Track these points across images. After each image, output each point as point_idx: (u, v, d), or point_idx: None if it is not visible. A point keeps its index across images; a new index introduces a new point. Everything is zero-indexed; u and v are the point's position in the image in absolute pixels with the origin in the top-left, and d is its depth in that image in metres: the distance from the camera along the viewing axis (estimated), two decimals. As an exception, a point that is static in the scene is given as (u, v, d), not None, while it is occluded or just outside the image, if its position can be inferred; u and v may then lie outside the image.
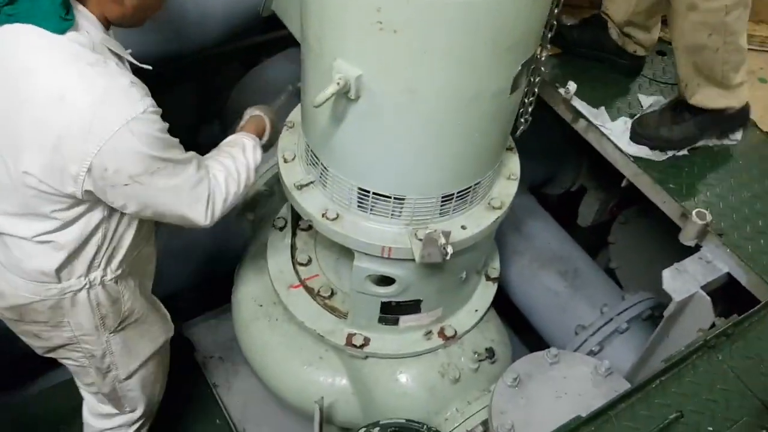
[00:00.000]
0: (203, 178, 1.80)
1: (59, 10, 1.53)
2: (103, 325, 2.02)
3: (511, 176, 2.13)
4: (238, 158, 1.94)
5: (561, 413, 1.89)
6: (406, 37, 1.49)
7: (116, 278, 1.96)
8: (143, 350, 2.19)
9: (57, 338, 2.03)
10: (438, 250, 1.82)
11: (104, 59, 1.60)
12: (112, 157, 1.58)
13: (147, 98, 1.61)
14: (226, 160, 1.91)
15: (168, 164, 1.67)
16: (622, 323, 2.59)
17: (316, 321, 2.32)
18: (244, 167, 1.93)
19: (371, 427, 2.15)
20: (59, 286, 1.88)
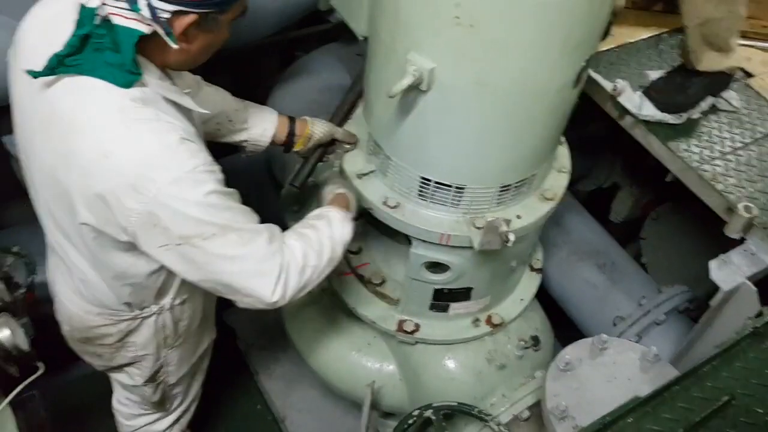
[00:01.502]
0: (275, 252, 1.65)
1: (129, 65, 1.46)
2: (165, 343, 2.08)
3: (563, 169, 2.20)
4: (322, 230, 1.81)
5: (612, 396, 1.97)
6: (482, 31, 1.56)
7: (183, 301, 2.00)
8: (192, 357, 2.25)
9: (120, 358, 2.07)
10: (498, 237, 1.90)
11: (156, 113, 1.51)
12: (158, 216, 1.50)
13: (199, 155, 1.52)
14: (307, 230, 1.79)
15: (228, 231, 1.57)
16: (660, 315, 2.66)
17: (367, 307, 2.39)
18: (328, 239, 1.79)
19: (425, 409, 2.22)
20: (131, 313, 1.93)
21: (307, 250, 1.73)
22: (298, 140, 2.18)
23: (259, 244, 1.62)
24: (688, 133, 2.38)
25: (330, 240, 1.80)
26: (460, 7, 1.53)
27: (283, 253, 1.67)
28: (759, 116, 2.49)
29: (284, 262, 1.66)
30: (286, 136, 2.17)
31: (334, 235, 1.82)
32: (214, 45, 1.61)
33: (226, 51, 2.80)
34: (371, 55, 1.91)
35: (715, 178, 2.25)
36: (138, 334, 1.99)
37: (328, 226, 1.82)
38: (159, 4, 1.41)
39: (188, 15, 1.45)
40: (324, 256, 1.77)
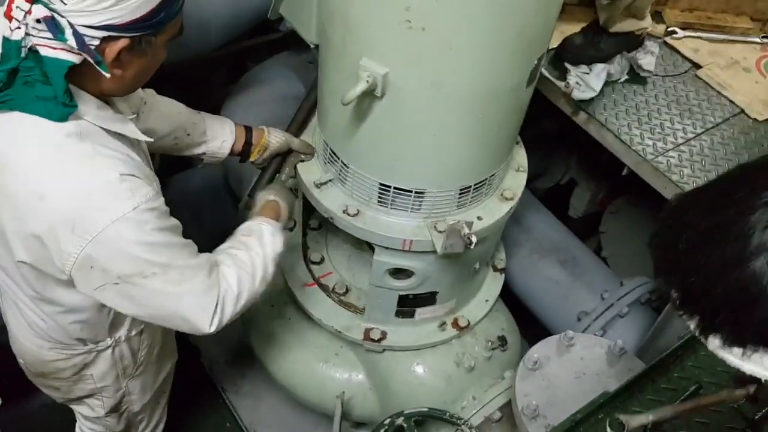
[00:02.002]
0: (213, 286, 1.64)
1: (62, 97, 1.38)
2: (124, 373, 2.02)
3: (520, 168, 2.21)
4: (255, 249, 1.78)
5: (582, 392, 1.98)
6: (433, 34, 1.55)
7: (141, 331, 1.96)
8: (155, 383, 2.19)
9: (78, 391, 2.01)
10: (461, 240, 1.89)
11: (93, 148, 1.44)
12: (96, 258, 1.46)
13: (139, 193, 1.45)
14: (240, 253, 1.75)
15: (168, 268, 1.54)
16: (623, 308, 2.68)
17: (332, 318, 2.37)
18: (260, 260, 1.77)
19: (396, 416, 2.20)
20: (84, 347, 1.87)
21: (242, 275, 1.71)
22: (254, 150, 2.15)
23: (199, 280, 1.60)
24: (641, 126, 2.41)
25: (263, 259, 1.78)
26: (411, 10, 1.51)
27: (219, 286, 1.66)
28: (709, 106, 2.53)
29: (221, 294, 1.65)
30: (242, 145, 2.14)
31: (267, 253, 1.80)
32: (150, 68, 1.55)
33: (176, 64, 2.80)
34: (323, 63, 1.89)
35: (670, 170, 2.28)
36: (95, 366, 1.93)
37: (259, 244, 1.80)
38: (87, 32, 1.34)
39: (119, 40, 1.38)
40: (257, 278, 1.75)
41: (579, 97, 2.45)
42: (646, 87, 2.59)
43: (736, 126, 2.49)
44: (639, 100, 2.52)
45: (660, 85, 2.60)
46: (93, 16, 1.33)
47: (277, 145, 2.15)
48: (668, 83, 2.61)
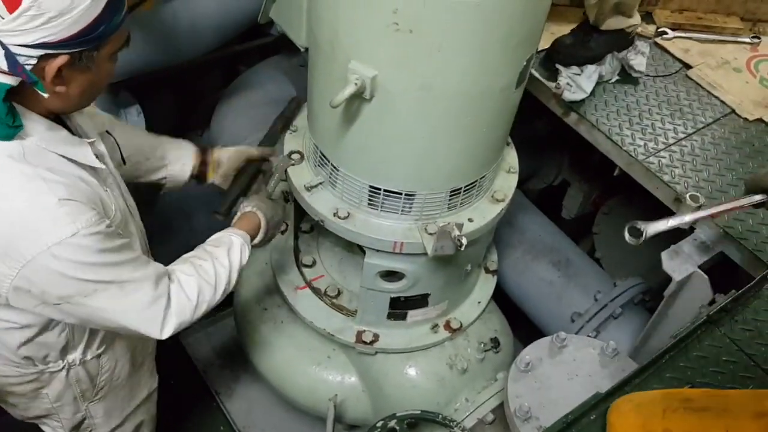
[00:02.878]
0: (160, 296, 1.62)
1: (4, 119, 1.35)
2: (83, 396, 1.97)
3: (511, 170, 2.21)
4: (221, 260, 1.78)
5: (575, 394, 1.97)
6: (421, 36, 1.55)
7: (98, 355, 1.90)
8: (124, 408, 2.14)
9: (35, 409, 1.97)
10: (451, 242, 1.89)
11: (35, 171, 1.40)
12: (34, 281, 1.44)
13: (81, 218, 1.42)
14: (205, 264, 1.75)
15: (110, 286, 1.51)
16: (616, 308, 2.68)
17: (324, 320, 2.36)
18: (225, 271, 1.78)
19: (388, 419, 2.19)
20: (36, 368, 1.81)
21: (202, 285, 1.71)
22: (209, 169, 2.14)
23: (143, 293, 1.58)
24: (632, 126, 2.41)
25: (228, 271, 1.78)
26: (398, 13, 1.51)
27: (169, 296, 1.64)
28: (699, 106, 2.53)
29: (172, 303, 1.64)
30: (199, 166, 2.13)
31: (233, 264, 1.80)
32: (97, 83, 1.49)
33: (169, 69, 2.81)
34: (312, 66, 1.88)
35: (662, 170, 2.28)
36: (50, 387, 1.89)
37: (226, 256, 1.80)
38: (22, 51, 1.30)
39: (58, 57, 1.34)
40: (220, 289, 1.76)
41: (569, 98, 2.45)
42: (636, 87, 2.59)
43: (727, 126, 2.49)
44: (630, 100, 2.53)
45: (651, 85, 2.61)
46: (27, 35, 1.29)
47: (228, 157, 2.14)
48: (659, 84, 2.61)
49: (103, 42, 1.40)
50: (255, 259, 2.67)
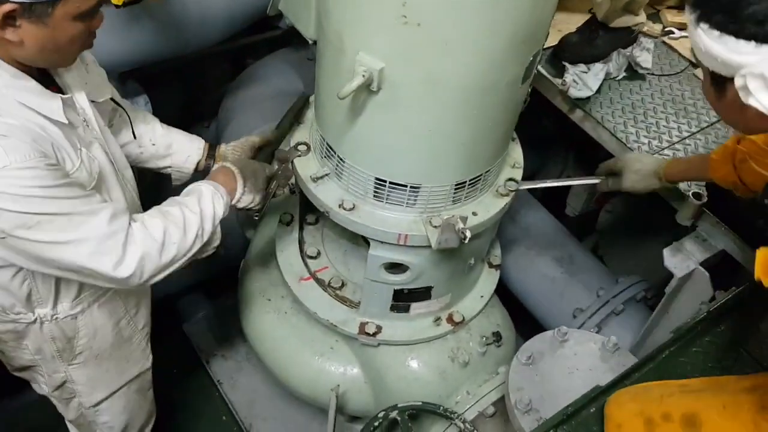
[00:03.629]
0: (118, 231, 1.61)
1: None
2: (61, 357, 1.99)
3: (516, 165, 2.22)
4: (190, 207, 1.78)
5: (574, 387, 1.99)
6: (429, 29, 1.56)
7: (74, 316, 1.91)
8: (110, 382, 2.16)
9: (19, 359, 2.01)
10: (455, 235, 1.90)
11: None
12: None
13: (14, 154, 1.44)
14: (172, 208, 1.76)
15: (56, 218, 1.52)
16: (618, 305, 2.70)
17: (328, 311, 2.38)
18: (195, 217, 1.77)
19: (390, 410, 2.22)
20: (8, 316, 1.84)
21: (169, 227, 1.71)
22: (215, 164, 2.16)
23: (94, 224, 1.57)
24: (637, 124, 2.43)
25: (197, 216, 1.77)
26: (406, 6, 1.53)
27: (128, 233, 1.64)
28: (704, 105, 2.54)
29: (134, 240, 1.64)
30: (206, 161, 2.17)
31: (204, 211, 1.79)
32: (60, 42, 1.52)
33: (176, 60, 2.83)
34: (320, 58, 1.90)
35: (665, 168, 2.29)
36: (28, 339, 1.92)
37: (196, 202, 1.80)
38: None
39: (5, 4, 1.38)
40: (190, 232, 1.75)
41: (575, 96, 2.46)
42: (642, 85, 2.60)
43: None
44: (635, 98, 2.54)
45: (656, 84, 2.62)
46: None
47: (232, 152, 2.16)
48: (664, 82, 2.63)
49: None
50: (259, 250, 2.69)
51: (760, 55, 1.19)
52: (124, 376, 2.18)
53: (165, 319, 3.39)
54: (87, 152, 1.67)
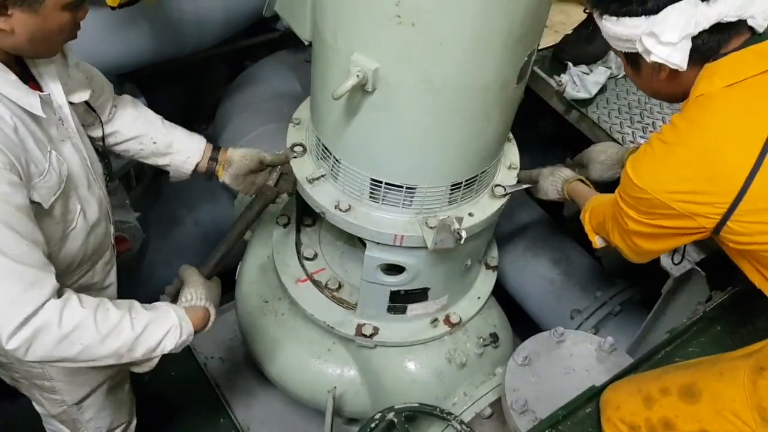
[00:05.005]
0: (27, 303, 1.46)
1: None
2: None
3: (512, 166, 2.22)
4: (136, 322, 1.61)
5: (570, 388, 1.99)
6: (423, 29, 1.56)
7: None
8: (92, 377, 2.13)
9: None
10: (451, 235, 1.90)
11: None
12: None
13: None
14: (114, 312, 1.59)
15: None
16: (616, 306, 2.70)
17: (325, 313, 2.37)
18: (130, 336, 1.60)
19: (386, 411, 2.21)
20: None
21: (88, 325, 1.54)
22: (218, 167, 2.13)
23: (8, 287, 1.45)
24: (633, 124, 2.43)
25: (132, 335, 1.61)
26: (400, 6, 1.53)
27: (40, 308, 1.48)
28: (701, 106, 2.54)
29: (38, 317, 1.48)
30: (207, 162, 2.13)
31: (145, 337, 1.63)
32: (48, 32, 1.52)
33: (174, 61, 2.83)
34: (316, 58, 1.90)
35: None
36: None
37: (145, 323, 1.63)
38: None
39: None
40: (108, 345, 1.58)
41: (572, 96, 2.46)
42: (639, 86, 2.60)
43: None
44: (631, 98, 2.54)
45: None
46: None
47: (240, 159, 2.11)
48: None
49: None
50: (256, 252, 2.69)
51: (648, 22, 1.47)
52: (104, 370, 2.14)
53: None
54: (56, 154, 1.65)
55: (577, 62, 2.55)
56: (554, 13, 2.12)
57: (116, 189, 2.83)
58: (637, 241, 1.68)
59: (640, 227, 1.61)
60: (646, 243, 1.67)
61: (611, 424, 1.72)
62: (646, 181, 1.51)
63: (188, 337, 1.73)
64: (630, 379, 1.77)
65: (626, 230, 1.68)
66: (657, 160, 1.51)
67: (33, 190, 1.55)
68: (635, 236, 1.67)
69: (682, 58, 1.47)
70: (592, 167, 2.24)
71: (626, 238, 1.72)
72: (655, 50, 1.48)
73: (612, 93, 2.55)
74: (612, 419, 1.72)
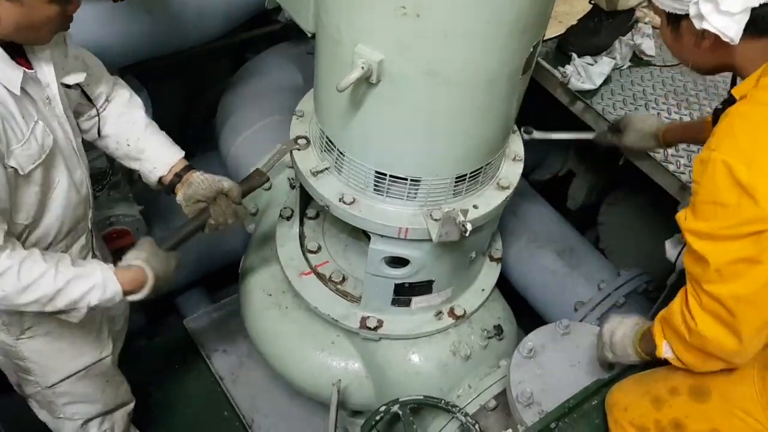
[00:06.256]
0: None
1: None
2: (8, 331, 1.98)
3: (516, 157, 2.21)
4: (59, 276, 1.69)
5: (576, 380, 1.99)
6: (428, 20, 1.55)
7: None
8: (66, 365, 2.15)
9: None
10: (456, 228, 1.89)
11: None
12: None
13: None
14: (39, 264, 1.67)
15: None
16: (620, 298, 2.69)
17: (329, 306, 2.37)
18: (51, 288, 1.68)
19: (392, 404, 2.21)
20: None
21: (11, 276, 1.63)
22: (179, 186, 2.07)
23: None
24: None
25: (53, 289, 1.69)
26: (405, -3, 1.52)
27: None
28: (706, 96, 2.53)
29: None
30: (170, 178, 2.08)
31: (68, 292, 1.71)
32: (33, 22, 1.55)
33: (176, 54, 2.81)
34: (319, 51, 1.89)
35: (667, 160, 2.28)
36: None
37: (69, 278, 1.71)
38: None
39: None
40: (29, 295, 1.67)
41: (576, 87, 2.45)
42: (643, 77, 2.59)
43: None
44: (636, 90, 2.53)
45: (657, 75, 2.61)
46: None
47: (197, 183, 2.03)
48: (666, 73, 2.61)
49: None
50: (260, 245, 2.69)
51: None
52: (78, 361, 2.16)
53: (166, 314, 3.42)
54: (44, 126, 1.68)
55: (581, 53, 2.54)
56: (558, 3, 2.10)
57: (119, 183, 2.83)
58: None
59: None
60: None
61: (619, 426, 1.71)
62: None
63: (114, 296, 1.78)
64: (636, 379, 1.76)
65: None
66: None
67: (10, 155, 1.60)
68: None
69: (737, 31, 1.35)
70: (628, 134, 2.26)
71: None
72: (710, 18, 1.35)
73: (617, 84, 2.53)
74: (620, 421, 1.71)
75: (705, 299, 1.45)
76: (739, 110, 1.42)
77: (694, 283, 1.48)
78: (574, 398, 1.78)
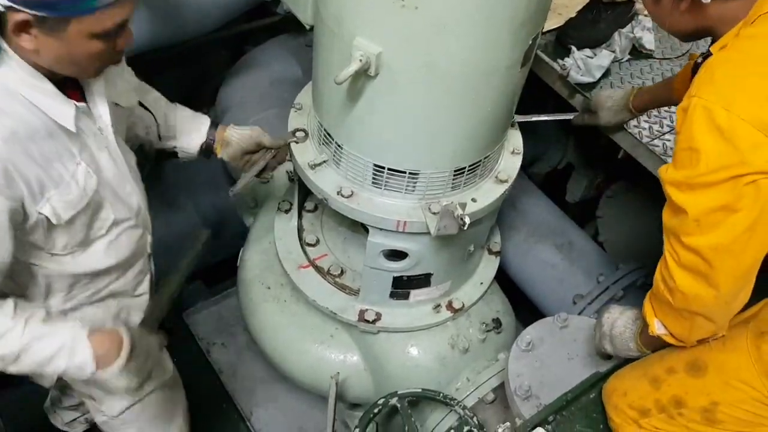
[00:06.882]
0: None
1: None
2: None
3: (515, 151, 2.21)
4: (27, 333, 1.56)
5: (574, 373, 1.99)
6: (427, 13, 1.54)
7: (67, 311, 1.83)
8: (134, 395, 2.10)
9: None
10: (454, 221, 1.89)
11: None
12: None
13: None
14: (7, 319, 1.55)
15: None
16: (618, 291, 2.69)
17: (327, 299, 2.37)
18: (16, 345, 1.55)
19: (390, 397, 2.21)
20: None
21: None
22: (216, 145, 2.12)
23: None
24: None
25: (18, 347, 1.56)
26: (404, -11, 1.51)
27: None
28: (705, 90, 2.52)
29: None
30: (207, 141, 2.13)
31: (31, 353, 1.57)
32: (75, 56, 1.48)
33: (175, 46, 2.80)
34: (317, 43, 1.88)
35: (666, 153, 2.28)
36: None
37: (36, 336, 1.58)
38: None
39: (20, 13, 1.36)
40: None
41: (576, 80, 2.45)
42: (643, 70, 2.58)
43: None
44: (636, 83, 2.52)
45: (657, 68, 2.60)
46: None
47: (238, 138, 2.11)
48: (665, 66, 2.61)
49: (62, 14, 1.39)
50: (258, 238, 2.68)
51: None
52: (145, 388, 2.11)
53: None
54: (85, 167, 1.62)
55: (581, 46, 2.54)
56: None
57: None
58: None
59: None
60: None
61: (619, 411, 1.72)
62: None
63: (83, 362, 1.61)
64: (633, 366, 1.77)
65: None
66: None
67: (46, 201, 1.54)
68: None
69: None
70: (601, 113, 2.28)
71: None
72: None
73: (616, 77, 2.53)
74: (620, 406, 1.72)
75: (683, 253, 1.46)
76: (719, 57, 1.44)
77: (672, 237, 1.50)
78: (573, 391, 1.78)
